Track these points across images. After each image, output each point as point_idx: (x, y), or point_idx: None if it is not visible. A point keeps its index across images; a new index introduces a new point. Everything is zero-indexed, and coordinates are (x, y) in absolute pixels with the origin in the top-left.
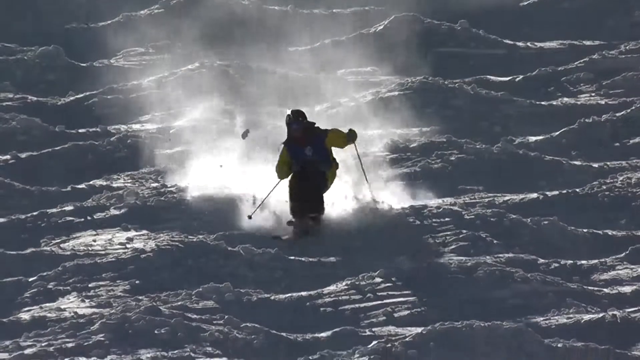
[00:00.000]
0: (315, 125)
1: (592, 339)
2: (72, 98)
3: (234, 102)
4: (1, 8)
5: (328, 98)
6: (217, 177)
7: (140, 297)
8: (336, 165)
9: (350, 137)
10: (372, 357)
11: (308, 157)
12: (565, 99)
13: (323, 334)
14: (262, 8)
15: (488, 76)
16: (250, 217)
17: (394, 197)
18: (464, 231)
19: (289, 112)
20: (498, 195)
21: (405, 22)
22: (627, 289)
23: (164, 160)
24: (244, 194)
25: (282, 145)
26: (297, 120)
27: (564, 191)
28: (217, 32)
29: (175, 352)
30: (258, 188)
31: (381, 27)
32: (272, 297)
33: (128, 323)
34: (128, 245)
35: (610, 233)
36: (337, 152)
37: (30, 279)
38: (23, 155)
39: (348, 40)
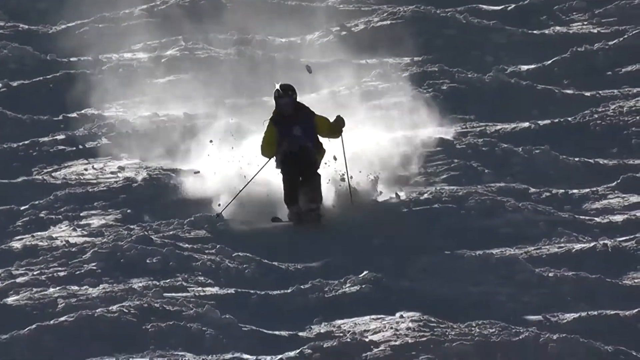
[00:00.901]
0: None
1: (583, 268)
2: (63, 27)
3: (226, 31)
4: None
5: (319, 26)
6: (208, 106)
7: (132, 227)
8: (323, 151)
9: (338, 125)
10: (363, 286)
11: (296, 137)
12: (558, 28)
13: (314, 264)
14: None
15: (480, 5)
16: (218, 216)
17: (385, 126)
18: (456, 160)
19: (277, 86)
20: (489, 124)
21: None
22: (618, 217)
23: (156, 89)
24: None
25: (268, 121)
26: (287, 94)
27: (556, 120)
28: None
29: (167, 281)
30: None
31: None
32: (264, 227)
33: (120, 252)
34: (120, 175)
35: (601, 162)
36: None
37: (22, 208)
38: (14, 84)
39: None
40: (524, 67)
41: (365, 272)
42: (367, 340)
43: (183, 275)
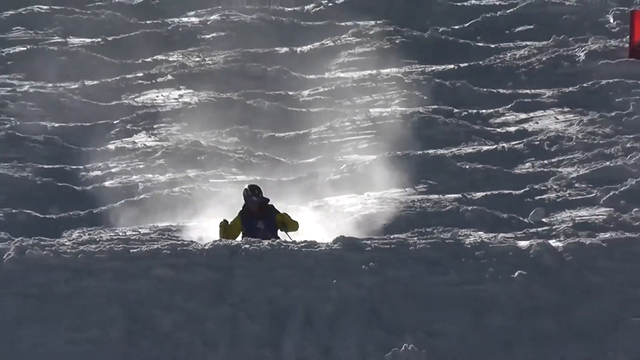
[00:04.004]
0: (269, 203)
1: (489, 162)
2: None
3: None
4: None
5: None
6: (248, 56)
7: (187, 135)
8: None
9: (292, 227)
10: (342, 175)
11: (259, 229)
12: (473, 2)
13: (309, 160)
14: None
15: None
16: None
17: (358, 68)
18: (404, 91)
19: (246, 186)
20: (427, 66)
21: None
22: (512, 128)
23: (205, 42)
24: None
25: (238, 213)
26: (254, 194)
27: (472, 63)
28: None
29: (210, 172)
30: None
31: None
32: (277, 135)
33: (179, 152)
34: (179, 100)
35: (501, 91)
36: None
37: (115, 122)
38: (110, 38)
39: None
40: (450, 28)
41: (343, 166)
42: None
43: (222, 168)
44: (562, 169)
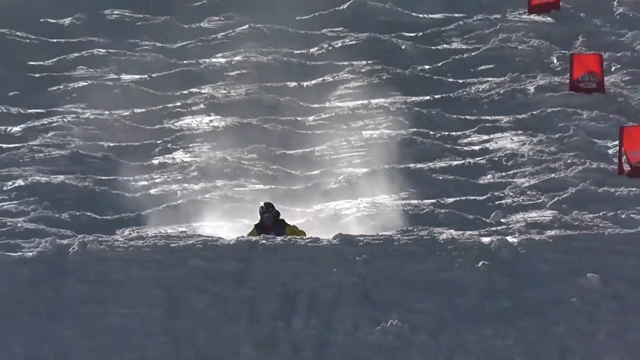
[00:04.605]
0: (280, 217)
1: (458, 174)
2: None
3: None
4: None
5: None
6: (264, 89)
7: (216, 152)
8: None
9: (301, 235)
10: (339, 185)
11: None
12: (444, 45)
13: (314, 172)
14: None
15: (404, 33)
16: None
17: (351, 96)
18: (390, 117)
19: (262, 204)
20: (408, 97)
21: None
22: (476, 147)
23: (230, 78)
24: None
25: (254, 226)
26: (268, 211)
27: (444, 95)
28: None
29: (234, 182)
30: None
31: None
32: (288, 152)
33: (210, 166)
34: (210, 124)
35: (468, 117)
36: None
37: (158, 142)
38: (154, 75)
39: None
40: (426, 67)
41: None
42: None
43: (243, 179)
44: (516, 180)
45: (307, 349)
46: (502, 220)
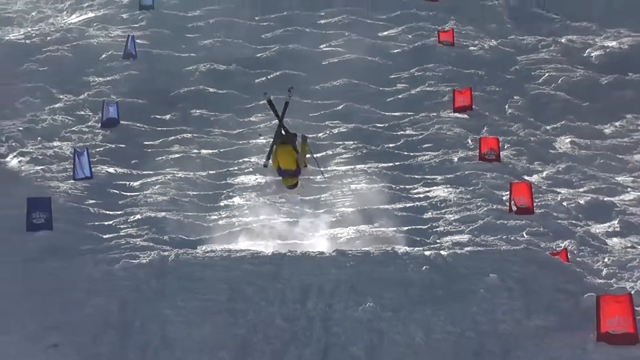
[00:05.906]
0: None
1: (411, 212)
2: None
3: None
4: None
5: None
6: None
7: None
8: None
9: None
10: (335, 218)
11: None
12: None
13: (321, 211)
14: None
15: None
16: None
17: (343, 163)
18: (368, 177)
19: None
20: (381, 164)
21: None
22: (422, 195)
23: None
24: None
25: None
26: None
27: (402, 162)
28: None
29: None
30: None
31: None
32: (305, 199)
33: (256, 206)
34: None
35: (416, 177)
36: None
37: (223, 191)
38: (221, 150)
39: None
40: (391, 145)
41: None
42: None
43: (276, 215)
44: (446, 216)
45: (316, 321)
46: (437, 240)
